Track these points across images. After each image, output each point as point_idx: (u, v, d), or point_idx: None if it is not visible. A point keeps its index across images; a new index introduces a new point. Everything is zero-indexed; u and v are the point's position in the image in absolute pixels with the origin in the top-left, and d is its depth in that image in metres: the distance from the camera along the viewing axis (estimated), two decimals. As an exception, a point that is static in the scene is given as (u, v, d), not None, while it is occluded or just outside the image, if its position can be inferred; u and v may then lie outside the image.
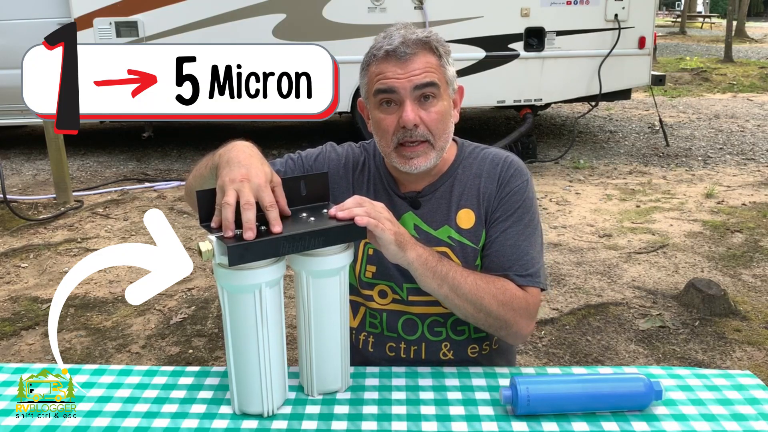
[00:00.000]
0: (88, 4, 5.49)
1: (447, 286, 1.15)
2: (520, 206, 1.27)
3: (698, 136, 7.08)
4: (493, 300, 1.18)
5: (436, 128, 1.22)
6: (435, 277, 1.14)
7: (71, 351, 2.74)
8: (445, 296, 1.16)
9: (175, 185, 5.24)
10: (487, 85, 5.76)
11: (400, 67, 1.19)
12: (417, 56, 1.20)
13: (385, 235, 1.06)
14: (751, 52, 15.72)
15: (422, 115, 1.20)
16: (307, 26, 5.60)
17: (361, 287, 1.32)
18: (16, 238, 4.07)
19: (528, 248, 1.26)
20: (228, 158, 1.05)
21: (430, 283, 1.14)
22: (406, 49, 1.19)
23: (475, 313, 1.19)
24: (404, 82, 1.19)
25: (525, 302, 1.22)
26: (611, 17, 5.77)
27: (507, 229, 1.26)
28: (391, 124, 1.22)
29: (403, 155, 1.22)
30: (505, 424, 1.01)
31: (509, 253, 1.25)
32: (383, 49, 1.21)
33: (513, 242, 1.25)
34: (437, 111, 1.21)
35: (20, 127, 6.82)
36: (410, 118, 1.19)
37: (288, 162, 1.37)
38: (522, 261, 1.25)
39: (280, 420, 1.03)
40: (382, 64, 1.21)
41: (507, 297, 1.20)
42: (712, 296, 3.02)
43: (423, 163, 1.23)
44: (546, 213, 4.48)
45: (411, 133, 1.20)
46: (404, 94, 1.20)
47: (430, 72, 1.20)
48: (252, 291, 0.98)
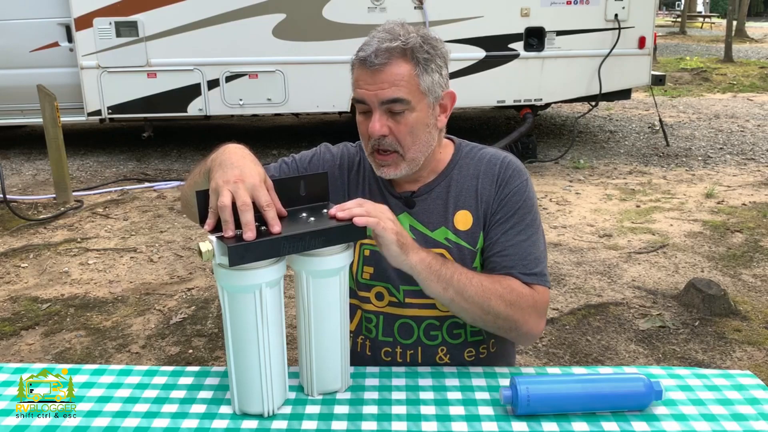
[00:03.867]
0: (88, 4, 5.49)
1: (452, 290, 1.12)
2: (520, 207, 1.26)
3: (698, 136, 7.09)
4: (501, 301, 1.16)
5: (405, 140, 1.20)
6: (440, 280, 1.12)
7: (71, 351, 2.74)
8: (451, 300, 1.14)
9: (175, 185, 5.24)
10: (487, 85, 5.76)
11: (370, 77, 1.17)
12: (388, 67, 1.16)
13: (387, 234, 1.05)
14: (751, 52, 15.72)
15: (391, 125, 1.19)
16: (307, 26, 5.60)
17: (358, 289, 1.31)
18: (16, 238, 4.07)
19: (531, 248, 1.24)
20: (221, 161, 1.04)
21: (435, 287, 1.12)
22: (375, 59, 1.16)
23: (483, 316, 1.16)
24: (371, 96, 1.17)
25: (533, 300, 1.20)
26: (611, 17, 5.77)
27: (509, 230, 1.25)
28: (365, 130, 1.22)
29: (377, 162, 1.24)
30: (505, 424, 1.01)
31: (513, 253, 1.23)
32: (358, 56, 1.19)
33: (516, 243, 1.24)
34: (406, 123, 1.19)
35: (20, 127, 6.81)
36: (375, 129, 1.18)
37: (282, 166, 1.36)
38: (526, 261, 1.23)
39: (280, 420, 1.03)
40: (357, 71, 1.20)
41: (514, 296, 1.17)
42: (712, 296, 3.02)
43: (393, 172, 1.23)
44: (546, 213, 4.47)
45: (379, 142, 1.20)
46: (373, 106, 1.18)
47: (398, 86, 1.16)
48: (252, 291, 0.98)
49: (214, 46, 5.59)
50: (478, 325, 1.20)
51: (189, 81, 5.68)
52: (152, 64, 5.60)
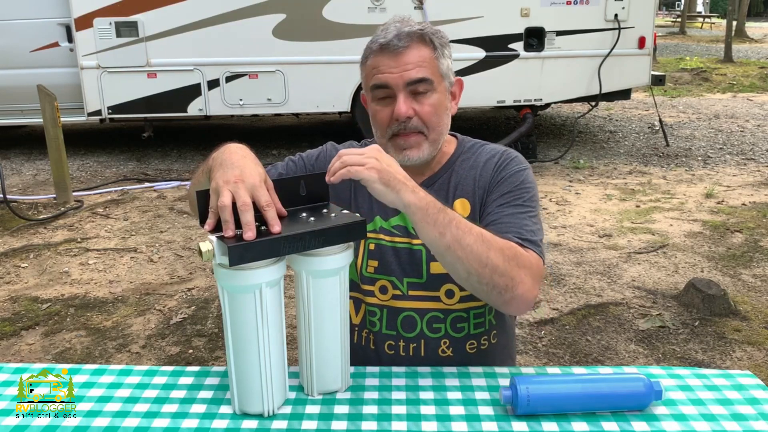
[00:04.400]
0: (88, 4, 5.49)
1: (450, 236, 1.05)
2: (517, 186, 1.24)
3: (698, 136, 7.09)
4: (500, 254, 1.08)
5: (430, 120, 1.23)
6: (436, 225, 1.04)
7: (71, 351, 2.74)
8: (447, 247, 1.05)
9: (175, 185, 5.24)
10: (487, 85, 5.76)
11: (393, 60, 1.20)
12: (410, 49, 1.20)
13: (364, 174, 1.01)
14: (751, 52, 15.72)
15: (416, 107, 1.21)
16: (307, 26, 5.60)
17: (362, 282, 1.32)
18: (16, 238, 4.07)
19: (527, 221, 1.20)
20: (221, 160, 1.05)
21: (431, 232, 1.05)
22: (398, 42, 1.19)
23: (479, 269, 1.07)
24: (396, 78, 1.20)
25: (529, 261, 1.13)
26: (611, 17, 5.77)
27: (504, 204, 1.23)
28: (386, 116, 1.23)
29: (398, 145, 1.23)
30: (505, 424, 1.01)
31: (508, 221, 1.19)
32: (378, 43, 1.22)
33: (512, 213, 1.21)
34: (431, 103, 1.22)
35: (20, 127, 6.82)
36: (402, 111, 1.20)
37: (289, 164, 1.37)
38: (521, 231, 1.18)
39: (280, 420, 1.03)
40: (377, 58, 1.22)
41: (513, 252, 1.11)
42: (712, 296, 3.02)
43: (416, 154, 1.23)
44: (546, 213, 4.48)
45: (405, 125, 1.21)
46: (397, 89, 1.21)
47: (422, 66, 1.20)
48: (252, 291, 0.98)
49: (214, 47, 5.59)
50: (472, 282, 1.09)
51: (189, 81, 5.68)
52: (152, 64, 5.60)
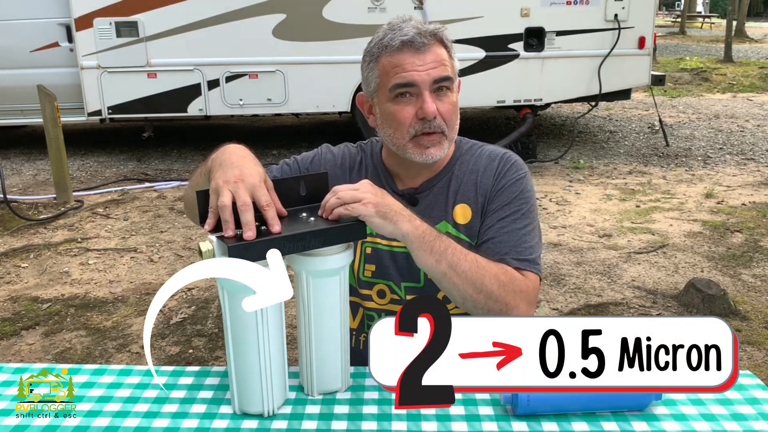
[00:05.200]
0: (88, 4, 5.49)
1: (446, 263, 1.09)
2: (517, 197, 1.25)
3: (698, 136, 7.09)
4: (494, 280, 1.12)
5: (451, 119, 1.23)
6: (433, 252, 1.08)
7: (71, 351, 2.74)
8: (443, 274, 1.10)
9: (175, 185, 5.24)
10: (487, 85, 5.76)
11: (417, 58, 1.18)
12: (432, 47, 1.20)
13: (361, 210, 1.03)
14: (751, 52, 15.72)
15: (438, 106, 1.21)
16: (307, 26, 5.60)
17: (360, 287, 1.32)
18: (16, 238, 4.07)
19: (526, 237, 1.23)
20: (221, 161, 1.05)
21: (428, 259, 1.09)
22: (423, 39, 1.18)
23: (474, 294, 1.11)
24: (423, 75, 1.18)
25: (525, 285, 1.18)
26: (611, 17, 5.77)
27: (503, 217, 1.24)
28: (408, 115, 1.21)
29: (421, 144, 1.22)
30: (505, 424, 1.01)
31: (506, 239, 1.22)
32: (398, 40, 1.19)
33: (511, 230, 1.23)
34: (451, 102, 1.22)
35: (20, 127, 6.81)
36: (432, 109, 1.19)
37: (284, 167, 1.37)
38: (519, 248, 1.21)
39: (280, 420, 1.03)
40: (397, 56, 1.19)
41: (508, 278, 1.15)
42: (712, 296, 3.02)
43: (438, 152, 1.23)
44: (546, 213, 4.48)
45: (430, 124, 1.20)
46: (423, 87, 1.19)
47: (444, 65, 1.20)
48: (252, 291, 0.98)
49: (214, 47, 5.59)
50: (468, 307, 1.14)
51: (189, 81, 5.68)
52: (152, 64, 5.61)
